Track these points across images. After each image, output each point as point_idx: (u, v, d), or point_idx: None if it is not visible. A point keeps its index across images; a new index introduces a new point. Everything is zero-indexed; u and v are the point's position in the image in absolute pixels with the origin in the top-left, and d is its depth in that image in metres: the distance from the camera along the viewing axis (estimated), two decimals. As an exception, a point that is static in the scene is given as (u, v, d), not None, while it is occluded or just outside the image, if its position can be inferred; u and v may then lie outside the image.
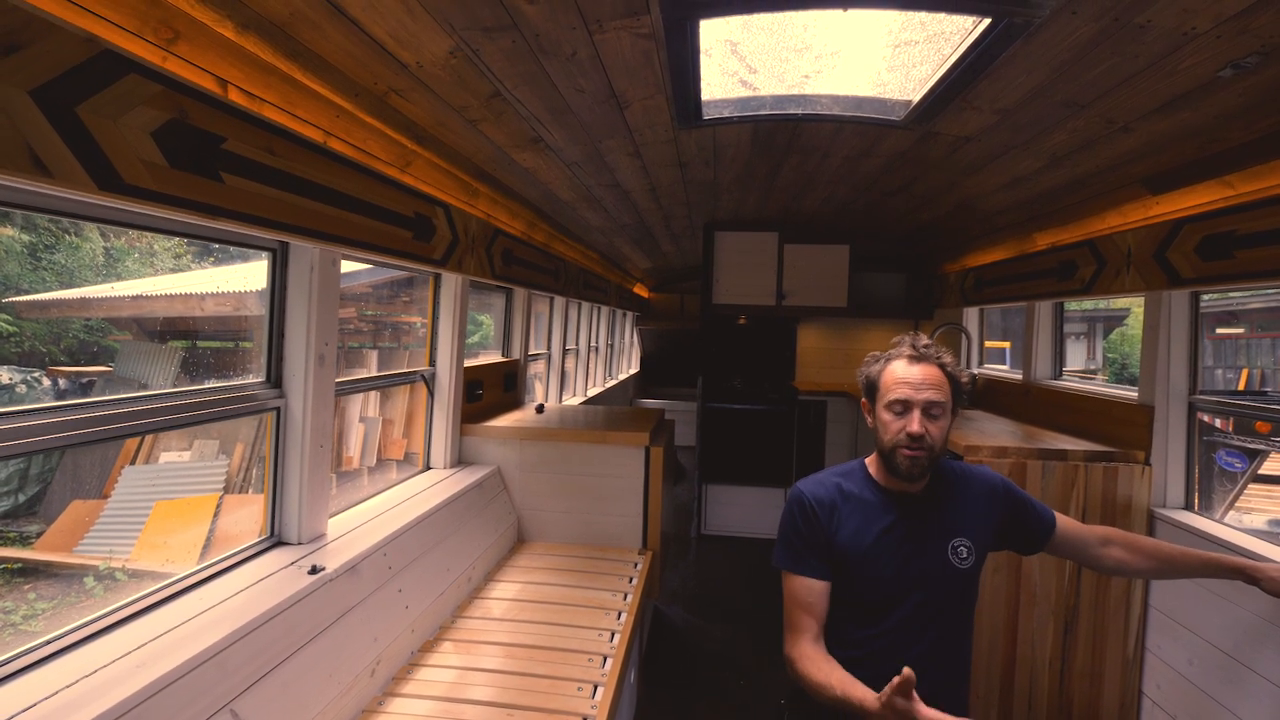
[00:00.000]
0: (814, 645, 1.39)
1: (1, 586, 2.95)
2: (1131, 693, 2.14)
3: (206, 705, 1.06)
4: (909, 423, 1.37)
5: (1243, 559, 1.55)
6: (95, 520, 3.41)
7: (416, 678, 1.53)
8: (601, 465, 2.47)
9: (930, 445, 1.37)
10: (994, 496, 1.49)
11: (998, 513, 1.48)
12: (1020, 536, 1.53)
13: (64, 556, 3.22)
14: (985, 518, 1.47)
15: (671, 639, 2.77)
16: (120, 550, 3.30)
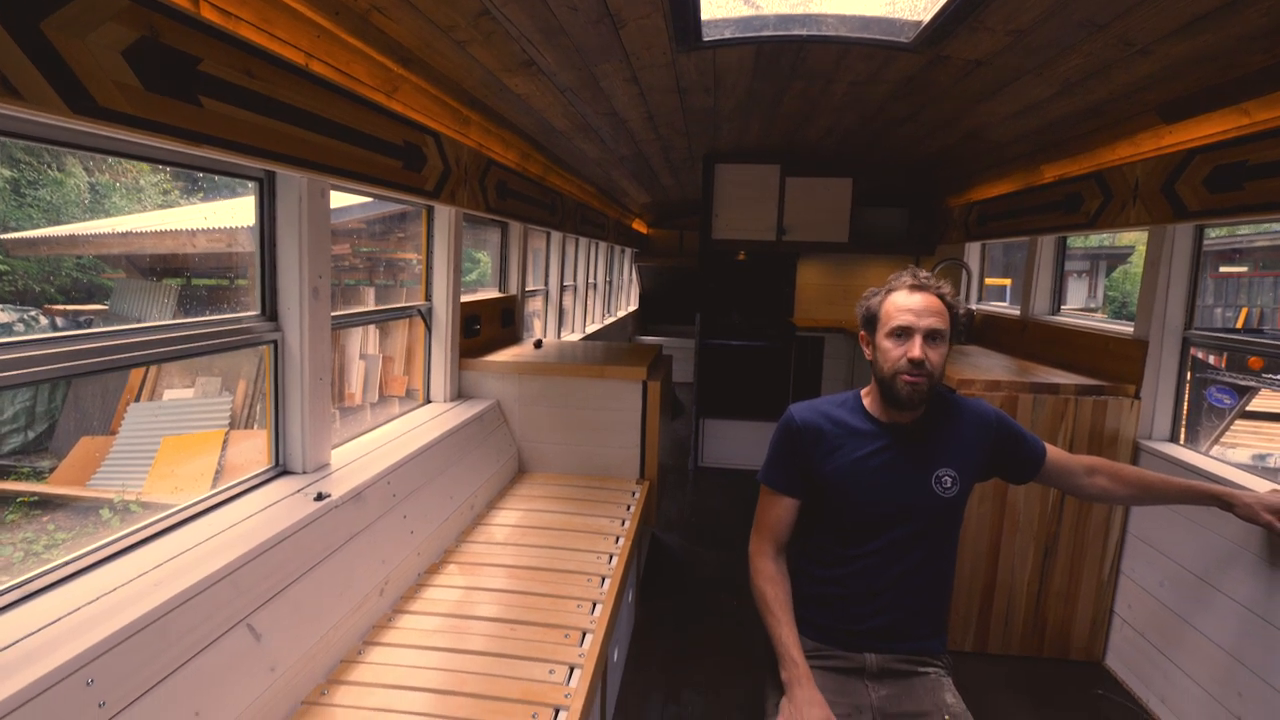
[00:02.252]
0: (774, 561, 1.53)
1: (21, 519, 3.04)
2: (1103, 612, 2.25)
3: (224, 619, 1.12)
4: (910, 348, 1.39)
5: (1219, 486, 1.60)
6: (105, 456, 3.48)
7: (424, 596, 1.60)
8: (600, 399, 2.51)
9: (930, 371, 1.39)
10: (985, 428, 1.52)
11: (988, 444, 1.51)
12: (1010, 467, 1.57)
13: (78, 490, 3.31)
14: (974, 449, 1.50)
15: (668, 563, 2.88)
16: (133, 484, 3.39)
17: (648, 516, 2.43)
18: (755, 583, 1.51)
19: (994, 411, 1.54)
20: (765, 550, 1.53)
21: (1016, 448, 1.55)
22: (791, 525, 1.55)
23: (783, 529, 1.55)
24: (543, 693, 1.27)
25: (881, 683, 1.48)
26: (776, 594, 1.47)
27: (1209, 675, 1.82)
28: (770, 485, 1.54)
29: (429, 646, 1.41)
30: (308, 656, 1.26)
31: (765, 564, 1.51)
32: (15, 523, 3.03)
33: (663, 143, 3.28)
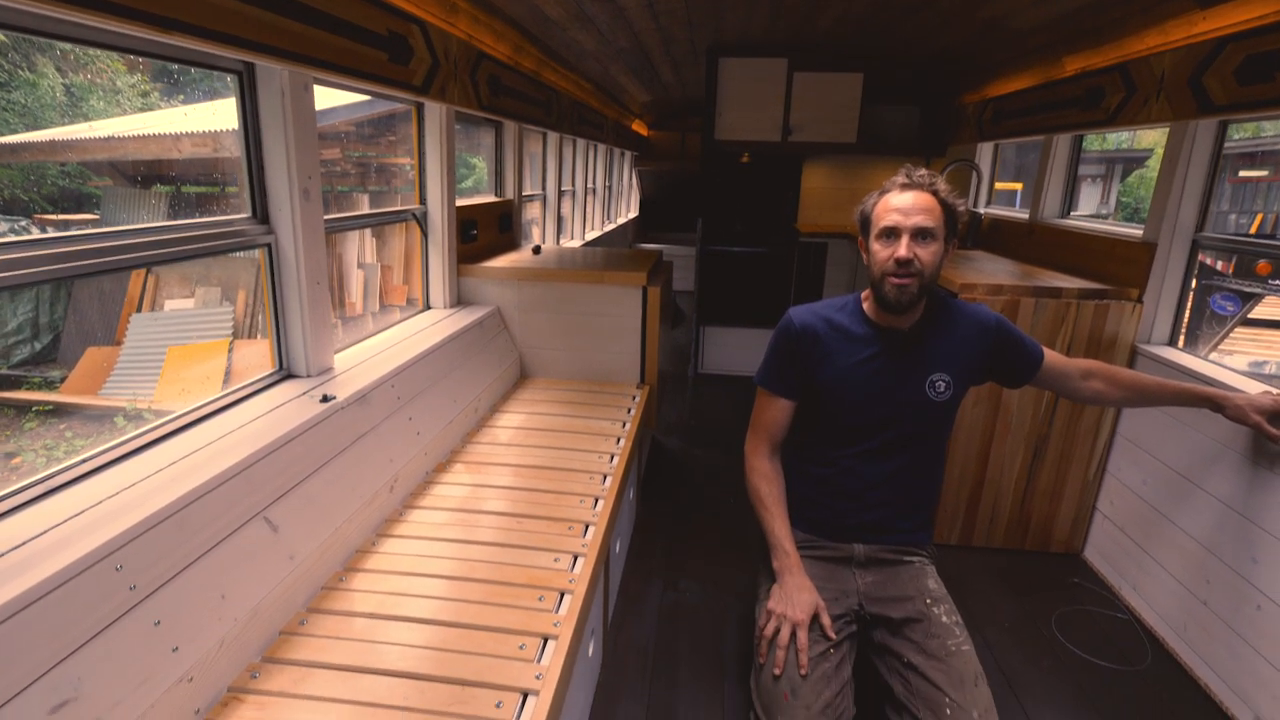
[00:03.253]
0: (770, 459, 1.58)
1: (40, 426, 3.13)
2: (1086, 509, 2.35)
3: (241, 512, 1.17)
4: (896, 248, 1.37)
5: (1212, 389, 1.62)
6: (113, 365, 3.53)
7: (432, 493, 1.67)
8: (600, 305, 2.50)
9: (919, 271, 1.37)
10: (984, 333, 1.52)
11: (986, 348, 1.52)
12: (1007, 371, 1.58)
13: (91, 399, 3.38)
14: (970, 353, 1.51)
15: (668, 464, 2.98)
16: (143, 393, 3.45)
17: (648, 420, 2.49)
18: (751, 480, 1.57)
19: (994, 316, 1.54)
20: (761, 450, 1.58)
21: (1015, 352, 1.56)
22: (786, 426, 1.59)
23: (778, 430, 1.59)
24: (549, 578, 1.35)
25: (868, 570, 1.56)
26: (771, 490, 1.54)
27: (1180, 565, 1.92)
28: (767, 387, 1.57)
29: (439, 538, 1.48)
30: (324, 547, 1.32)
31: (761, 462, 1.57)
32: (34, 430, 3.12)
33: (663, 34, 3.08)
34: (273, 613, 1.17)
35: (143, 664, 0.93)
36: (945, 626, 1.44)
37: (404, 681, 1.08)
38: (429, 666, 1.11)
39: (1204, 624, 1.81)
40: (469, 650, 1.15)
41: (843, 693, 1.39)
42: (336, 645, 1.15)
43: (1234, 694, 1.69)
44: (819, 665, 1.38)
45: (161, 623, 0.97)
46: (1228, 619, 1.73)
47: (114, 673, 0.89)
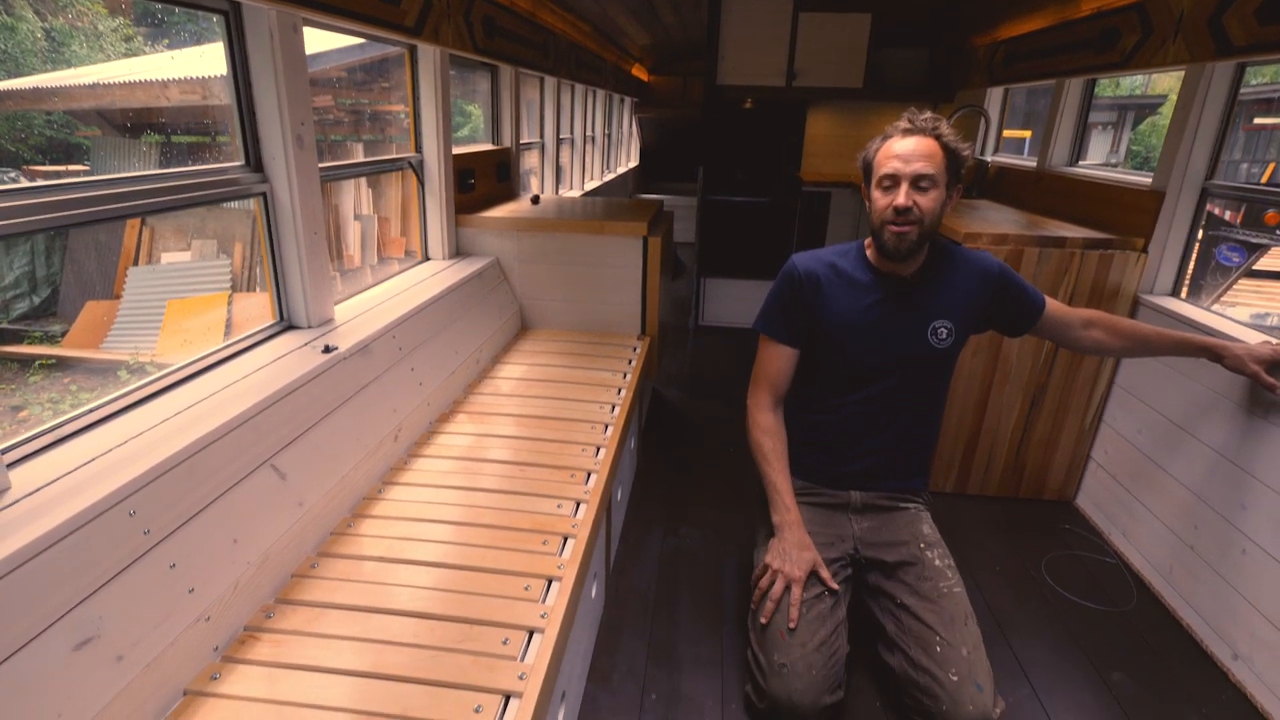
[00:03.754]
0: (773, 413, 1.58)
1: (44, 380, 3.15)
2: (1080, 457, 2.38)
3: (249, 460, 1.19)
4: (895, 196, 1.35)
5: (1211, 339, 1.62)
6: (113, 320, 3.53)
7: (436, 442, 1.69)
8: (600, 256, 2.48)
9: (919, 219, 1.36)
10: (986, 280, 1.51)
11: (988, 296, 1.51)
12: (1009, 319, 1.58)
13: (93, 353, 3.39)
14: (972, 301, 1.51)
15: (669, 415, 3.01)
16: (145, 346, 3.46)
17: (649, 371, 2.50)
18: (753, 435, 1.58)
19: (997, 264, 1.53)
20: (763, 403, 1.59)
21: (1016, 300, 1.55)
22: (790, 375, 1.59)
23: (781, 380, 1.59)
24: (552, 524, 1.38)
25: (864, 516, 1.60)
26: (774, 445, 1.56)
27: (1170, 511, 1.96)
28: (769, 334, 1.57)
29: (444, 485, 1.51)
30: (331, 494, 1.35)
31: (763, 416, 1.58)
32: (39, 384, 3.15)
33: (665, -29, 2.96)
34: (284, 556, 1.21)
35: (160, 604, 0.96)
36: (938, 570, 1.49)
37: (414, 620, 1.12)
38: (437, 606, 1.15)
39: (1190, 567, 1.86)
40: (476, 591, 1.18)
41: (837, 632, 1.44)
42: (347, 587, 1.19)
43: (1214, 633, 1.75)
44: (814, 606, 1.43)
45: (177, 566, 1.00)
46: (1213, 563, 1.78)
47: (133, 612, 0.92)
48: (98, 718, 0.85)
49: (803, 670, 1.36)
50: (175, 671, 0.97)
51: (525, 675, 1.00)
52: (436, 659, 1.03)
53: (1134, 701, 1.60)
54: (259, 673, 1.01)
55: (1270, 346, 1.56)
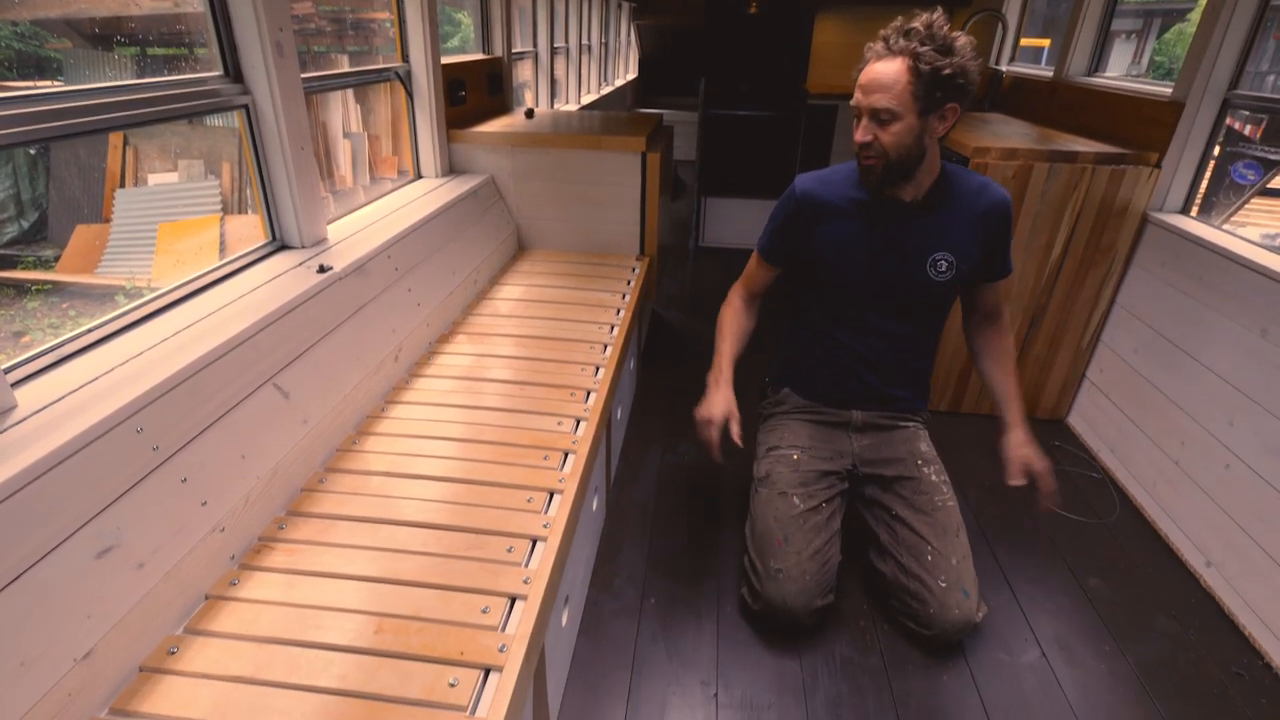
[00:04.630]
0: (744, 302, 1.67)
1: (42, 305, 3.14)
2: (1075, 377, 2.41)
3: (251, 379, 1.20)
4: (858, 130, 1.31)
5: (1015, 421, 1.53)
6: (105, 244, 3.48)
7: (437, 363, 1.70)
8: (597, 173, 2.41)
9: (880, 153, 1.29)
10: (993, 215, 1.44)
11: (991, 231, 1.45)
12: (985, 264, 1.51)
13: (89, 278, 3.37)
14: (977, 234, 1.44)
15: (669, 336, 3.02)
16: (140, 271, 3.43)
17: (648, 291, 2.49)
18: (721, 312, 1.66)
19: (1008, 202, 1.45)
20: (739, 292, 1.67)
21: (999, 251, 1.49)
22: (767, 286, 1.65)
23: (758, 286, 1.66)
24: (553, 440, 1.41)
25: (864, 434, 1.64)
26: (732, 321, 1.64)
27: (1158, 428, 2.00)
28: (758, 247, 1.61)
29: (446, 404, 1.53)
30: (335, 412, 1.37)
31: (734, 299, 1.67)
32: (37, 310, 3.14)
33: None
34: (292, 471, 1.24)
35: (175, 516, 1.00)
36: (933, 485, 1.53)
37: (421, 531, 1.16)
38: (443, 517, 1.19)
39: (1173, 481, 1.91)
40: (480, 503, 1.22)
41: (831, 541, 1.50)
42: (355, 500, 1.23)
43: (1190, 542, 1.83)
44: (811, 518, 1.49)
45: (188, 480, 1.03)
46: (1195, 476, 1.83)
47: (150, 523, 0.96)
48: (126, 619, 0.89)
49: (796, 576, 1.43)
50: (195, 578, 1.02)
51: (529, 580, 1.05)
52: (445, 565, 1.08)
53: (1107, 604, 1.69)
54: (276, 579, 1.06)
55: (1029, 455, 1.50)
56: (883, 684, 1.45)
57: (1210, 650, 1.57)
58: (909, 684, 1.45)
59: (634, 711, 1.37)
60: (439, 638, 0.95)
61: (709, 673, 1.46)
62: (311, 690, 0.88)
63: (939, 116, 1.27)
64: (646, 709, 1.38)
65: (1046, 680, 1.48)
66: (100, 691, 0.87)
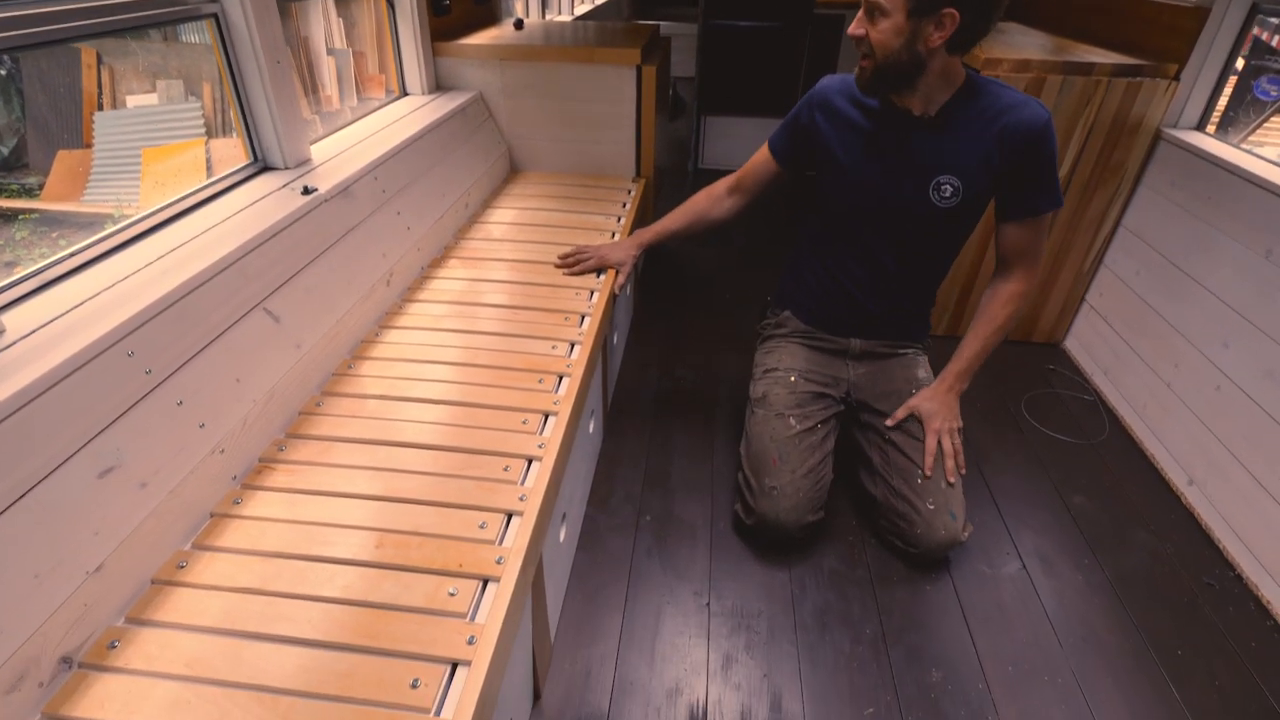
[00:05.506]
0: (726, 190, 1.69)
1: (30, 235, 3.09)
2: (1074, 300, 2.39)
3: (240, 303, 1.19)
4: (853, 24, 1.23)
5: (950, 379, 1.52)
6: (89, 170, 3.39)
7: (429, 288, 1.69)
8: (590, 89, 2.31)
9: (869, 52, 1.21)
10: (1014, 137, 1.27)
11: (1009, 158, 1.30)
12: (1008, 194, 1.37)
13: (75, 206, 3.29)
14: (988, 158, 1.30)
15: (666, 261, 2.98)
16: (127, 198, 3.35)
17: (644, 215, 2.43)
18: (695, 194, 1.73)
19: (1045, 125, 1.27)
20: (727, 180, 1.68)
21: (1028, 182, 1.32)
22: (761, 183, 1.63)
23: (750, 179, 1.64)
24: (548, 364, 1.41)
25: (861, 362, 1.64)
26: (698, 199, 1.71)
27: (1154, 350, 2.00)
28: (768, 141, 1.59)
29: (440, 329, 1.53)
30: (329, 337, 1.37)
31: (717, 184, 1.70)
32: (27, 239, 3.10)
33: None
34: (289, 395, 1.25)
35: (174, 437, 1.01)
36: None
37: (419, 451, 1.18)
38: (440, 439, 1.21)
39: (1163, 403, 1.93)
40: (476, 425, 1.24)
41: (825, 461, 1.53)
42: (353, 422, 1.24)
43: (1174, 461, 1.87)
44: (806, 438, 1.51)
45: (184, 403, 1.04)
46: (1186, 398, 1.85)
47: (149, 444, 0.97)
48: (133, 535, 0.92)
49: (790, 493, 1.46)
50: (198, 497, 1.04)
51: (525, 497, 1.07)
52: (442, 484, 1.11)
53: (1090, 520, 1.74)
54: (278, 497, 1.09)
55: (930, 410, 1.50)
56: (868, 594, 1.51)
57: (1184, 563, 1.63)
58: (893, 594, 1.52)
59: (630, 620, 1.44)
60: (438, 551, 0.99)
61: (702, 584, 1.52)
62: (318, 600, 0.92)
63: (934, 22, 1.15)
64: (642, 617, 1.44)
65: (1025, 591, 1.54)
66: (115, 602, 0.90)
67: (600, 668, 1.34)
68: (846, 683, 1.33)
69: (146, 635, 0.88)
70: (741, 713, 1.27)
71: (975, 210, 1.38)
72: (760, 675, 1.34)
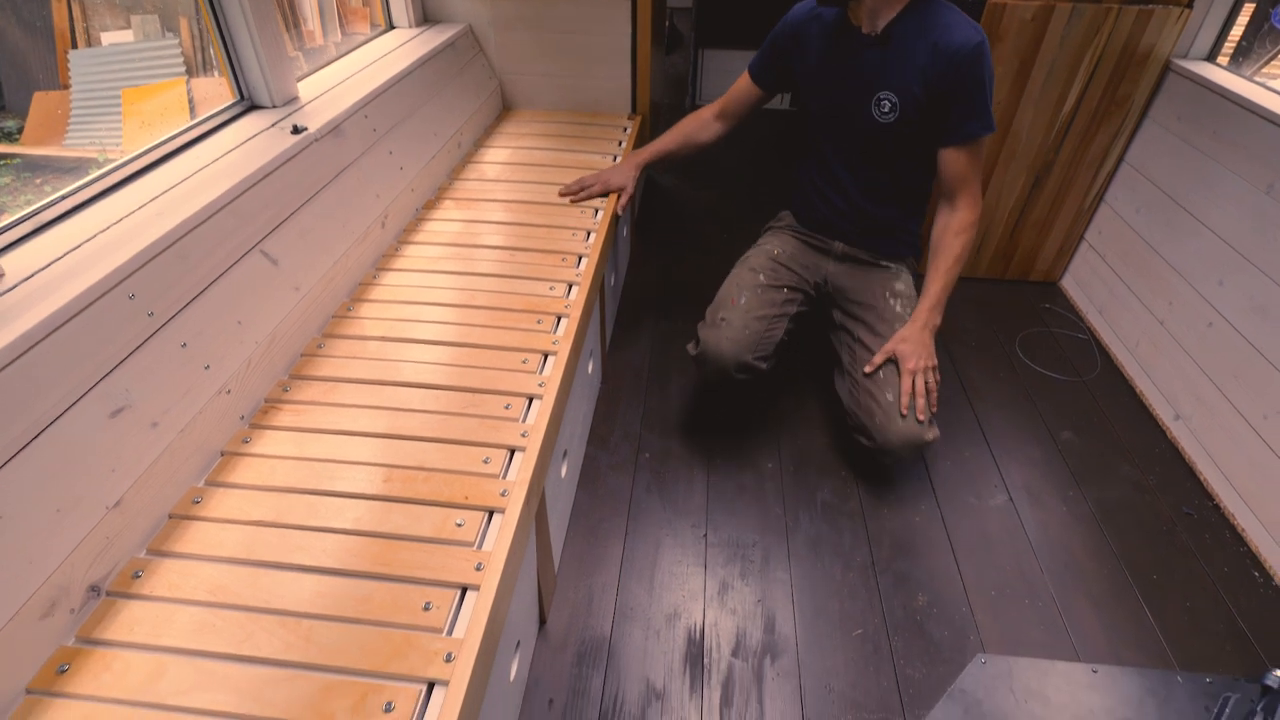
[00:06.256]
0: (712, 115, 1.74)
1: (14, 181, 3.03)
2: (1074, 238, 2.38)
3: (237, 245, 1.18)
4: None
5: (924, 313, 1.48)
6: (68, 112, 3.29)
7: (425, 229, 1.68)
8: (583, 21, 2.23)
9: None
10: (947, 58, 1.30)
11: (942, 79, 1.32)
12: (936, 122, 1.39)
13: (57, 150, 3.22)
14: (924, 77, 1.33)
15: (663, 202, 2.94)
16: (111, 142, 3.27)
17: (640, 155, 2.39)
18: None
19: (974, 47, 1.29)
20: (713, 106, 1.73)
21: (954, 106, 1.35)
22: (744, 105, 1.68)
23: (733, 104, 1.69)
24: (546, 304, 1.42)
25: (843, 264, 1.69)
26: (687, 122, 1.77)
27: (1149, 288, 2.01)
28: (749, 66, 1.64)
29: (437, 270, 1.53)
30: (326, 280, 1.37)
31: (704, 109, 1.74)
32: (10, 185, 3.05)
33: None
34: (290, 337, 1.26)
35: (181, 378, 1.03)
36: (896, 315, 1.59)
37: (421, 391, 1.20)
38: (441, 378, 1.23)
39: (1155, 340, 1.96)
40: (477, 365, 1.26)
41: (780, 319, 1.58)
42: (355, 363, 1.26)
43: (1162, 396, 1.91)
44: (770, 292, 1.59)
45: (188, 345, 1.05)
46: (1177, 335, 1.87)
47: (157, 385, 0.99)
48: (148, 472, 0.95)
49: (738, 328, 1.51)
50: (208, 436, 1.07)
51: (527, 433, 1.10)
52: (445, 422, 1.13)
53: (1076, 454, 1.79)
54: (286, 436, 1.12)
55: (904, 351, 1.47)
56: (859, 525, 1.57)
57: (1166, 494, 1.69)
58: (883, 525, 1.58)
59: (630, 551, 1.50)
60: (444, 485, 1.02)
61: (699, 517, 1.58)
62: (331, 531, 0.96)
63: None
64: (642, 549, 1.50)
65: (1011, 521, 1.60)
66: (136, 535, 0.94)
67: (602, 595, 1.41)
68: (837, 607, 1.40)
69: (169, 565, 0.92)
70: (737, 634, 1.34)
71: (916, 127, 1.41)
72: (755, 600, 1.41)
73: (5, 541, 0.77)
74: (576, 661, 1.29)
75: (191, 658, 0.81)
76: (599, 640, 1.33)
